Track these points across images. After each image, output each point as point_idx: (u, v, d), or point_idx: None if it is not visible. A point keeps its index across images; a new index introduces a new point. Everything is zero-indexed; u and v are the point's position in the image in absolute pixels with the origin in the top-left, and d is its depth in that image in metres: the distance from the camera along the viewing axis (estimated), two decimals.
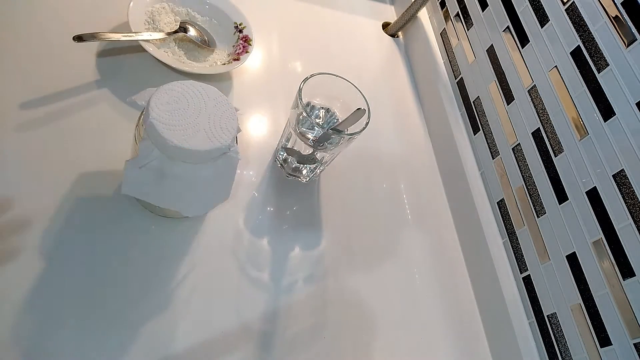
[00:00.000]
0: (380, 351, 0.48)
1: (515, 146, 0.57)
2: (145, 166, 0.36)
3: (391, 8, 0.86)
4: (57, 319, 0.37)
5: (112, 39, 0.48)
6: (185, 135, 0.34)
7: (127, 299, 0.40)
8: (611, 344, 0.43)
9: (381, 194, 0.60)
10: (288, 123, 0.50)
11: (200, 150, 0.35)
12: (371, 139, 0.64)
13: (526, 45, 0.56)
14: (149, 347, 0.39)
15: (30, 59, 0.47)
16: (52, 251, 0.39)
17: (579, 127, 0.48)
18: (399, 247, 0.57)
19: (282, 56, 0.66)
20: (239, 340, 0.42)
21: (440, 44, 0.75)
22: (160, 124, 0.34)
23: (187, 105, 0.36)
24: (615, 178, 0.44)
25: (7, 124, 0.43)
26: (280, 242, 0.50)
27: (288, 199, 0.53)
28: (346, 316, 0.48)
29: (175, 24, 0.56)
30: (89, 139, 0.46)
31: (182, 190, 0.38)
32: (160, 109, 0.35)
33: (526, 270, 0.53)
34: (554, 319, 0.49)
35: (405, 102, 0.73)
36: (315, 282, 0.49)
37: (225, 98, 0.38)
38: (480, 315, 0.56)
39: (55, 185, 0.42)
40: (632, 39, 0.44)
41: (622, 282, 0.43)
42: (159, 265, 0.42)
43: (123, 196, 0.44)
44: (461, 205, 0.62)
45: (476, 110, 0.65)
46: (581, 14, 0.49)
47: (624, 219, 0.43)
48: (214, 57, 0.57)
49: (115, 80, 0.51)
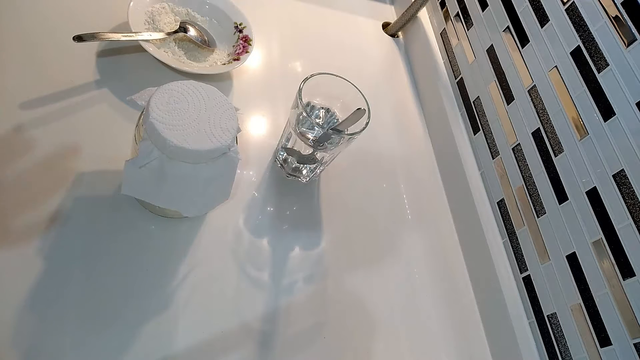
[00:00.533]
0: (380, 351, 0.48)
1: (515, 146, 0.57)
2: (145, 166, 0.36)
3: (391, 8, 0.86)
4: (56, 319, 0.37)
5: (112, 39, 0.48)
6: (185, 135, 0.34)
7: (126, 299, 0.40)
8: (611, 344, 0.43)
9: (381, 194, 0.60)
10: (288, 123, 0.50)
11: (200, 150, 0.35)
12: (371, 139, 0.64)
13: (526, 45, 0.56)
14: (149, 347, 0.39)
15: (30, 59, 0.48)
16: (52, 251, 0.39)
17: (579, 127, 0.48)
18: (399, 247, 0.57)
19: (282, 56, 0.66)
20: (239, 340, 0.42)
21: (440, 44, 0.75)
22: (160, 123, 0.34)
23: (187, 105, 0.36)
24: (615, 178, 0.44)
25: (7, 124, 0.43)
26: (280, 242, 0.50)
27: (288, 199, 0.53)
28: (346, 316, 0.48)
29: (175, 24, 0.56)
30: (89, 139, 0.46)
31: (182, 190, 0.38)
32: (161, 109, 0.35)
33: (526, 270, 0.53)
34: (554, 319, 0.49)
35: (405, 102, 0.73)
36: (315, 282, 0.49)
37: (225, 98, 0.38)
38: (480, 315, 0.56)
39: (55, 185, 0.42)
40: (632, 39, 0.44)
41: (622, 282, 0.43)
42: (159, 265, 0.42)
43: (123, 196, 0.44)
44: (461, 205, 0.62)
45: (476, 110, 0.65)
46: (581, 14, 0.49)
47: (624, 219, 0.43)
48: (214, 57, 0.57)
49: (115, 80, 0.51)
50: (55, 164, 0.43)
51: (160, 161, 0.36)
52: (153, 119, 0.34)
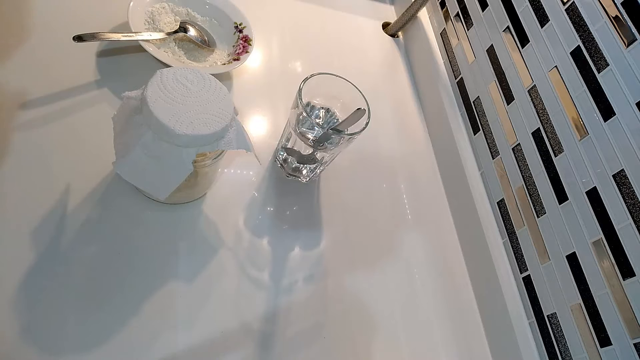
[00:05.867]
0: (380, 351, 0.48)
1: (515, 146, 0.57)
2: (139, 144, 0.36)
3: (391, 8, 0.86)
4: (56, 320, 0.37)
5: (112, 39, 0.48)
6: (178, 118, 0.34)
7: (125, 300, 0.40)
8: (611, 344, 0.43)
9: (381, 194, 0.60)
10: (288, 123, 0.50)
11: (188, 135, 0.35)
12: (371, 139, 0.64)
13: (526, 45, 0.56)
14: (149, 347, 0.39)
15: (30, 59, 0.47)
16: (51, 251, 0.39)
17: (579, 127, 0.48)
18: (399, 247, 0.57)
19: (282, 56, 0.66)
20: (239, 340, 0.42)
21: (440, 44, 0.75)
22: (153, 102, 0.34)
23: (185, 89, 0.36)
24: (615, 178, 0.44)
25: (7, 124, 0.43)
26: (280, 242, 0.50)
27: (288, 199, 0.53)
28: (346, 316, 0.48)
29: (175, 24, 0.56)
30: (89, 138, 0.46)
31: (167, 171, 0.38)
32: (156, 90, 0.35)
33: (526, 270, 0.53)
34: (554, 319, 0.49)
35: (405, 102, 0.73)
36: (315, 282, 0.49)
37: (222, 86, 0.39)
38: (480, 315, 0.56)
39: (55, 185, 0.42)
40: (632, 39, 0.44)
41: (622, 282, 0.43)
42: (158, 265, 0.42)
43: (123, 197, 0.44)
44: (461, 205, 0.62)
45: (476, 110, 0.65)
46: (581, 14, 0.49)
47: (624, 219, 0.43)
48: (214, 57, 0.57)
49: (115, 80, 0.51)
50: (55, 164, 0.43)
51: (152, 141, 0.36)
52: (147, 97, 0.34)
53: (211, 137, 0.36)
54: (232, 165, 0.52)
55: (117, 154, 0.38)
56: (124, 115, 0.38)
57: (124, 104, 0.38)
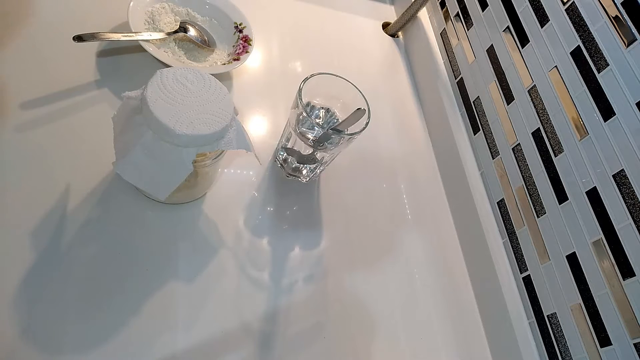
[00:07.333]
0: (380, 351, 0.48)
1: (515, 146, 0.57)
2: (139, 144, 0.36)
3: (391, 8, 0.86)
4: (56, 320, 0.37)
5: (112, 39, 0.48)
6: (178, 118, 0.34)
7: (125, 300, 0.40)
8: (611, 344, 0.43)
9: (381, 194, 0.60)
10: (288, 123, 0.50)
11: (188, 135, 0.35)
12: (371, 139, 0.64)
13: (526, 45, 0.56)
14: (149, 347, 0.39)
15: (30, 59, 0.47)
16: (51, 251, 0.39)
17: (579, 127, 0.48)
18: (399, 247, 0.57)
19: (282, 56, 0.66)
20: (239, 340, 0.42)
21: (440, 44, 0.75)
22: (153, 102, 0.34)
23: (185, 89, 0.36)
24: (615, 178, 0.44)
25: (7, 124, 0.43)
26: (280, 242, 0.50)
27: (288, 199, 0.53)
28: (346, 316, 0.48)
29: (175, 24, 0.56)
30: (89, 138, 0.46)
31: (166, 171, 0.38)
32: (156, 90, 0.35)
33: (526, 270, 0.53)
34: (554, 319, 0.49)
35: (405, 102, 0.73)
36: (315, 282, 0.49)
37: (222, 86, 0.39)
38: (480, 315, 0.56)
39: (55, 185, 0.42)
40: (632, 39, 0.44)
41: (622, 282, 0.43)
42: (158, 265, 0.42)
43: (123, 197, 0.44)
44: (461, 205, 0.62)
45: (476, 110, 0.65)
46: (581, 14, 0.49)
47: (624, 219, 0.43)
48: (214, 57, 0.57)
49: (115, 80, 0.51)
50: (55, 164, 0.43)
51: (152, 141, 0.36)
52: (147, 97, 0.34)
53: (211, 137, 0.36)
54: (232, 165, 0.52)
55: (117, 154, 0.38)
56: (124, 115, 0.38)
57: (124, 104, 0.38)
